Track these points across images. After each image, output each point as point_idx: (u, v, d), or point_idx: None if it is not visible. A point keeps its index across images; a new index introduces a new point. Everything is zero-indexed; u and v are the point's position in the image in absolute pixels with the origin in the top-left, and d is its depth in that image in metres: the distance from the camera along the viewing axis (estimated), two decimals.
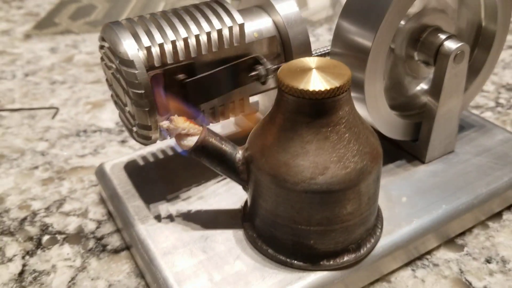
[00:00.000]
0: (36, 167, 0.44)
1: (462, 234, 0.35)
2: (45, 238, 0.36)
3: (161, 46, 0.29)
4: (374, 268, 0.31)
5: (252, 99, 0.36)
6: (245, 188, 0.31)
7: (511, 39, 0.66)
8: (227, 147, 0.30)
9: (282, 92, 0.27)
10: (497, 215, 0.37)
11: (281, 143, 0.27)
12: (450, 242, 0.35)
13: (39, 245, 0.35)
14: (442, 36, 0.34)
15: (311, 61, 0.28)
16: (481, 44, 0.38)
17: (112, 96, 0.34)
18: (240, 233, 0.32)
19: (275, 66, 0.33)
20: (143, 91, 0.28)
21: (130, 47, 0.28)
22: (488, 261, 0.33)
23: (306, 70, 0.27)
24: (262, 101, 0.39)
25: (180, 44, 0.30)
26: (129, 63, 0.28)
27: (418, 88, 0.39)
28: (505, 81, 0.55)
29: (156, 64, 0.29)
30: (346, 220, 0.28)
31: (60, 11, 0.80)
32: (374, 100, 0.34)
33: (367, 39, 0.32)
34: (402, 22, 0.34)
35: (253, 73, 0.33)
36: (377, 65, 0.32)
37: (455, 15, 0.37)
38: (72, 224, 0.37)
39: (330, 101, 0.26)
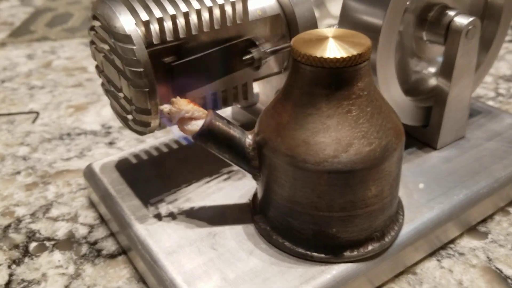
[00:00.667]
0: (18, 172, 0.40)
1: (484, 221, 0.33)
2: (33, 245, 0.32)
3: (160, 21, 0.26)
4: (399, 258, 0.29)
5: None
6: (255, 176, 0.28)
7: None
8: (235, 132, 0.27)
9: (298, 63, 0.25)
10: None
11: (299, 119, 0.25)
12: (472, 230, 0.33)
13: (26, 253, 0.32)
14: (451, 13, 0.32)
15: (326, 31, 0.26)
16: (488, 18, 0.37)
17: (102, 85, 0.31)
18: (250, 227, 0.29)
19: (271, 49, 0.31)
20: (142, 69, 0.26)
21: (126, 22, 0.26)
22: None
23: (322, 39, 0.25)
24: (263, 90, 0.37)
25: (180, 21, 0.27)
26: (125, 38, 0.25)
27: (426, 71, 0.37)
28: (502, 72, 0.55)
29: (155, 41, 0.26)
30: (371, 204, 0.26)
31: (35, 19, 0.77)
32: (386, 82, 0.32)
33: (377, 17, 0.30)
34: (407, 3, 0.33)
35: (246, 57, 0.30)
36: (389, 45, 0.30)
37: None
38: (61, 230, 0.34)
39: (352, 70, 0.24)
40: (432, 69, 0.37)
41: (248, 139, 0.27)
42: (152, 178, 0.34)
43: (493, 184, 0.33)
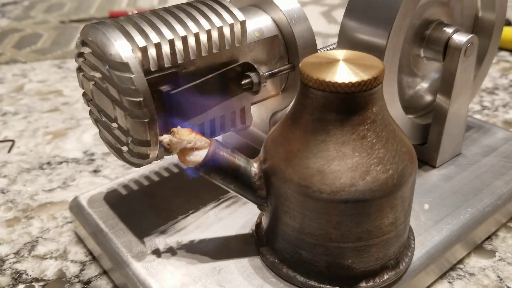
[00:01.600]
0: None
1: (489, 238, 0.33)
2: (20, 287, 0.30)
3: (158, 46, 0.25)
4: (413, 285, 0.28)
5: None
6: (262, 207, 0.27)
7: None
8: (240, 161, 0.26)
9: (308, 88, 0.23)
10: None
11: (311, 147, 0.24)
12: (479, 248, 0.32)
13: None
14: (449, 30, 0.32)
15: (335, 53, 0.25)
16: (479, 33, 0.37)
17: (91, 114, 0.29)
18: (257, 260, 0.28)
19: (270, 72, 0.30)
20: (141, 99, 0.24)
21: (122, 49, 0.24)
22: None
23: (332, 62, 0.24)
24: (257, 113, 0.35)
25: (178, 45, 0.26)
26: (122, 66, 0.24)
27: (419, 86, 0.37)
28: (484, 85, 0.55)
29: (152, 68, 0.25)
30: (387, 232, 0.25)
31: (1, 41, 0.73)
32: (390, 101, 0.31)
33: (380, 37, 0.29)
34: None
35: (244, 81, 0.29)
36: (393, 64, 0.30)
37: (454, 7, 0.36)
38: (50, 269, 0.31)
39: (366, 94, 0.23)
40: (428, 86, 0.37)
41: (254, 167, 0.26)
42: (145, 210, 0.32)
43: (497, 202, 0.32)
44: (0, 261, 0.32)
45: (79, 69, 0.28)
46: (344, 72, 0.23)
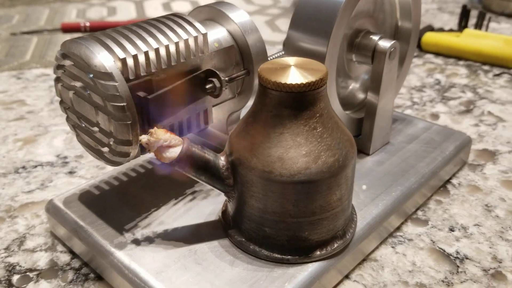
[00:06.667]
0: None
1: (422, 210, 0.39)
2: (15, 278, 0.32)
3: (135, 57, 0.28)
4: (358, 250, 0.33)
5: None
6: (228, 194, 0.31)
7: None
8: (209, 155, 0.30)
9: (266, 89, 0.28)
10: (446, 192, 0.41)
11: (271, 139, 0.28)
12: (415, 219, 0.38)
13: (10, 286, 0.32)
14: (375, 37, 0.38)
15: (287, 60, 0.29)
16: (399, 39, 0.43)
17: (68, 120, 0.32)
18: (225, 241, 0.32)
19: (230, 77, 0.34)
20: (124, 104, 0.27)
21: (105, 60, 0.27)
22: (451, 229, 0.37)
23: (285, 67, 0.29)
24: (215, 114, 0.39)
25: (152, 55, 0.29)
26: (106, 76, 0.27)
27: (351, 86, 0.43)
28: (413, 84, 0.63)
29: (131, 76, 0.28)
30: (336, 206, 0.30)
31: None
32: (331, 99, 0.36)
33: (321, 45, 0.34)
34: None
35: (208, 86, 0.33)
36: (332, 68, 0.35)
37: (378, 18, 0.42)
38: (42, 260, 0.34)
39: (315, 93, 0.28)
40: (356, 85, 0.43)
41: (221, 160, 0.30)
42: (119, 207, 0.35)
43: (421, 180, 0.39)
44: None
45: (57, 80, 0.31)
46: (295, 75, 0.28)
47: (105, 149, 0.30)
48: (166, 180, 0.37)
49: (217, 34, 0.34)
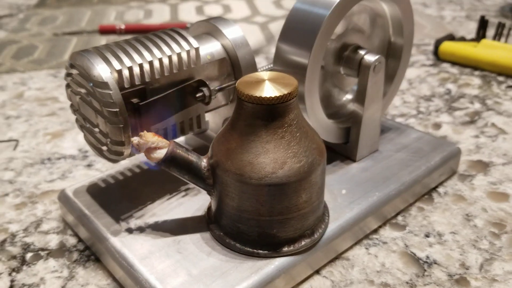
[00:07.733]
0: (7, 194, 0.46)
1: (403, 216, 0.42)
2: (29, 255, 0.38)
3: (130, 69, 0.32)
4: (329, 248, 0.36)
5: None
6: (210, 192, 0.35)
7: (424, 58, 0.77)
8: (193, 157, 0.34)
9: (242, 101, 0.32)
10: (430, 199, 0.44)
11: (244, 145, 0.32)
12: (394, 224, 0.41)
13: (23, 262, 0.37)
14: (362, 52, 0.41)
15: (263, 74, 0.33)
16: (392, 56, 0.46)
17: (77, 121, 0.37)
18: (207, 234, 0.36)
19: (219, 87, 0.38)
20: (117, 109, 0.32)
21: (103, 71, 0.32)
22: (427, 235, 0.40)
23: (260, 81, 0.32)
24: (212, 119, 0.43)
25: (145, 67, 0.33)
26: (103, 85, 0.31)
27: (345, 98, 0.45)
28: (423, 93, 0.65)
29: (126, 85, 0.33)
30: (302, 208, 0.33)
31: (1, 51, 0.80)
32: (312, 109, 0.39)
33: (304, 57, 0.37)
34: (328, 43, 0.41)
35: (198, 94, 0.37)
36: (314, 79, 0.38)
37: (370, 34, 0.44)
38: (53, 241, 0.39)
39: (284, 105, 0.31)
40: (349, 97, 0.45)
41: (203, 162, 0.34)
42: (120, 198, 0.40)
43: (400, 187, 0.41)
44: (12, 235, 0.40)
45: (67, 86, 0.36)
46: (268, 89, 0.31)
47: (104, 148, 0.34)
48: (164, 176, 0.42)
49: (211, 48, 0.38)
